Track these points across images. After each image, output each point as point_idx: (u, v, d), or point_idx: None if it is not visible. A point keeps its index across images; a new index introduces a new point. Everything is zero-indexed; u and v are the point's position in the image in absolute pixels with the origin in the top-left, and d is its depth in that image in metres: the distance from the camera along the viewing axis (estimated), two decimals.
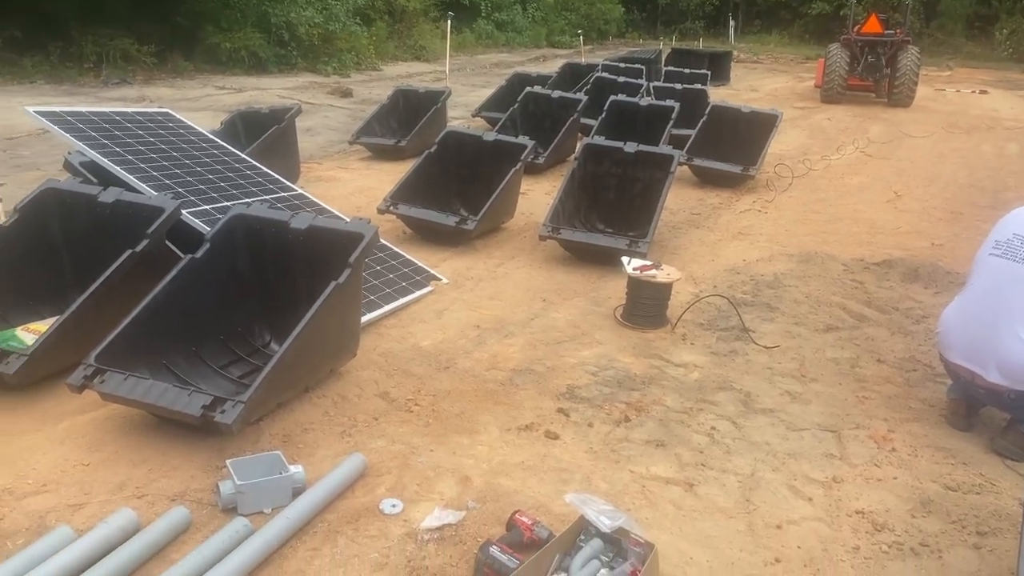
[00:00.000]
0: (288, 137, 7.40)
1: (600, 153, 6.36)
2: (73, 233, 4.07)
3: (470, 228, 5.79)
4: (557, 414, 3.59)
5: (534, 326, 4.63)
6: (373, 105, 12.27)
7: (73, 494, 2.82)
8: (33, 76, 13.46)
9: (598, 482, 3.07)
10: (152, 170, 4.72)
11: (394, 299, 4.72)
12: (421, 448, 3.24)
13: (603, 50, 27.55)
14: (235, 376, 3.66)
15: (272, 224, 3.84)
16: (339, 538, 2.66)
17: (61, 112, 4.84)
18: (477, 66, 21.18)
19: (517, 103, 9.57)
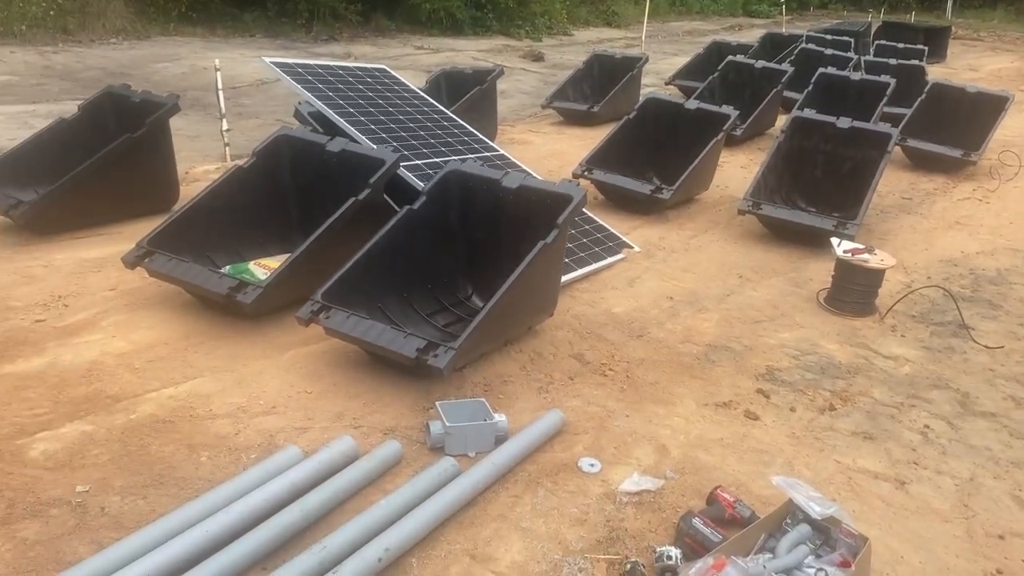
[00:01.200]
0: (489, 98, 7.56)
1: (809, 127, 6.06)
2: (301, 178, 4.36)
3: (665, 197, 5.71)
4: (756, 395, 3.50)
5: (729, 302, 4.52)
6: (564, 70, 12.30)
7: (298, 418, 3.06)
8: (252, 30, 14.43)
9: (800, 468, 2.97)
10: (370, 123, 4.96)
11: (587, 263, 4.74)
12: (617, 412, 3.26)
13: (803, 21, 26.14)
14: (440, 324, 3.81)
15: (485, 181, 3.94)
16: (539, 489, 2.73)
17: (293, 64, 5.16)
18: (669, 33, 20.69)
19: (717, 72, 9.29)
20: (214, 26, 13.99)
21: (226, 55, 11.34)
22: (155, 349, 3.50)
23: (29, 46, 10.99)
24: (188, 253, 3.80)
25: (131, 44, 12.12)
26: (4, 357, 3.36)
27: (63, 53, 10.96)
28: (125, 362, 3.37)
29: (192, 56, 11.43)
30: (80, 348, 3.47)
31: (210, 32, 13.73)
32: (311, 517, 2.46)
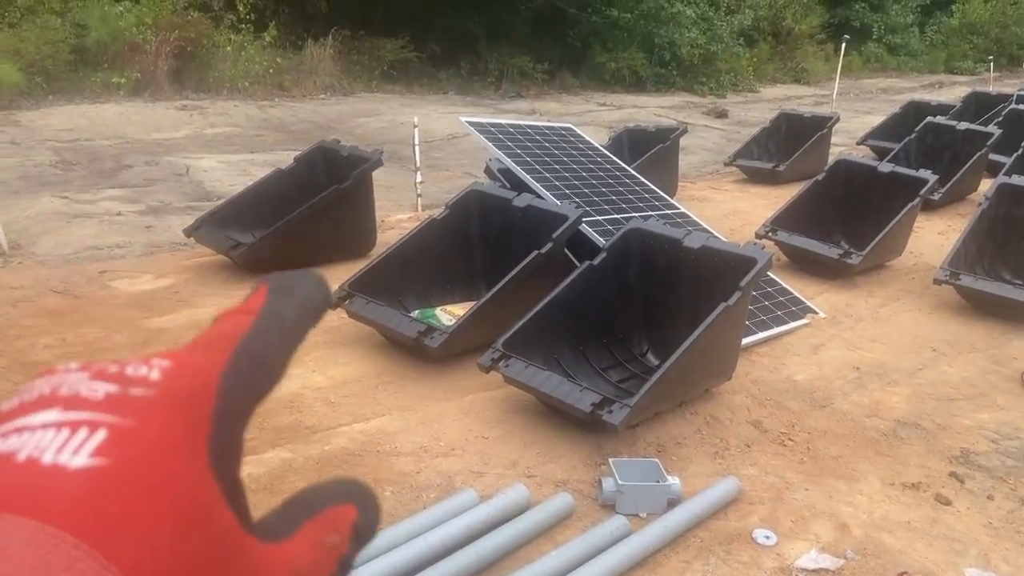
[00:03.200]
0: (671, 156, 7.60)
1: (1018, 195, 5.65)
2: (488, 230, 4.58)
3: (854, 262, 5.48)
4: (949, 478, 3.28)
5: (922, 377, 4.27)
6: (748, 127, 12.14)
7: (475, 462, 3.18)
8: (446, 87, 15.29)
9: (998, 562, 2.75)
10: (555, 179, 5.14)
11: (768, 327, 4.63)
12: (795, 485, 3.15)
13: (1014, 78, 24.38)
14: (614, 379, 3.86)
15: (666, 240, 3.98)
16: (711, 557, 2.69)
17: (485, 123, 5.46)
18: (862, 91, 19.94)
19: (914, 133, 8.85)
20: (411, 84, 14.94)
21: (421, 111, 12.06)
22: (349, 385, 3.76)
23: (250, 100, 12.20)
24: (383, 297, 4.08)
25: (338, 100, 13.17)
26: None
27: (278, 107, 12.08)
28: (322, 396, 3.65)
29: (391, 112, 12.25)
30: (284, 381, 3.77)
31: (408, 89, 14.67)
32: (484, 561, 2.56)
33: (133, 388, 0.28)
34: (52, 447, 0.25)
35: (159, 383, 0.28)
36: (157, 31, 11.71)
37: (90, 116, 10.12)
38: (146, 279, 5.10)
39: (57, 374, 0.29)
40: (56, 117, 9.92)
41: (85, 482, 0.24)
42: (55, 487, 0.24)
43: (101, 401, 0.27)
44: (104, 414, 0.26)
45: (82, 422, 0.26)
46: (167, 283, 5.04)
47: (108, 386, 0.28)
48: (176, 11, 12.43)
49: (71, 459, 0.25)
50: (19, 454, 0.25)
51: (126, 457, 0.25)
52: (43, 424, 0.26)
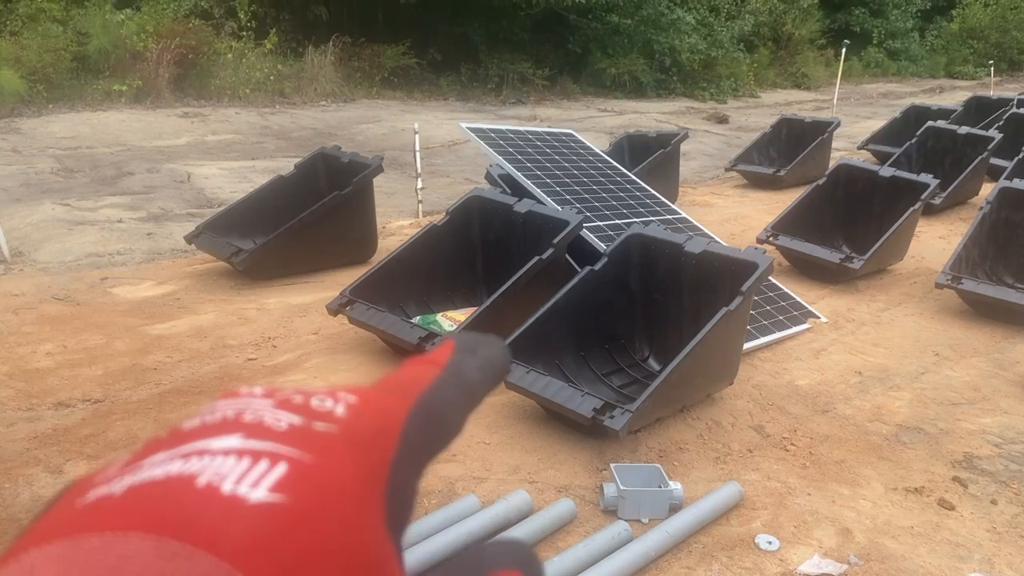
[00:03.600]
0: (672, 161, 7.60)
1: (1020, 198, 5.65)
2: (489, 236, 4.58)
3: (855, 267, 5.48)
4: (952, 483, 3.26)
5: (924, 381, 4.25)
6: (749, 132, 12.16)
7: (477, 468, 3.17)
8: (447, 94, 15.31)
9: (1002, 567, 2.74)
10: (556, 185, 5.13)
11: (770, 332, 4.62)
12: (798, 490, 3.14)
13: (1014, 83, 24.39)
14: (615, 385, 3.85)
15: (667, 245, 3.98)
16: (713, 563, 2.68)
17: (486, 129, 5.46)
18: (863, 96, 19.96)
19: (915, 137, 8.85)
20: (412, 90, 14.96)
21: (422, 117, 12.09)
22: None
23: (251, 108, 12.22)
24: (384, 303, 4.08)
25: (338, 106, 13.19)
26: (220, 390, 3.72)
27: (279, 114, 12.10)
28: None
29: (391, 118, 12.27)
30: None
31: (408, 95, 14.69)
32: None
33: (317, 422, 0.27)
34: (232, 476, 0.24)
35: (344, 420, 0.28)
36: (158, 39, 11.74)
37: (91, 124, 10.14)
38: (147, 286, 5.10)
39: (241, 398, 0.29)
40: (57, 125, 9.94)
41: (264, 521, 0.23)
42: (233, 521, 0.23)
43: (284, 432, 0.26)
44: (286, 447, 0.26)
45: (264, 453, 0.25)
46: (168, 290, 5.04)
47: (292, 417, 0.27)
48: (177, 19, 12.47)
49: (250, 491, 0.24)
50: (199, 478, 0.24)
51: (306, 497, 0.25)
52: (225, 450, 0.26)
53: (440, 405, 0.31)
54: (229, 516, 0.23)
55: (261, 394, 0.29)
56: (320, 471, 0.25)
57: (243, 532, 0.23)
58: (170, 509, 0.24)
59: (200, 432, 0.27)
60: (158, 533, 0.23)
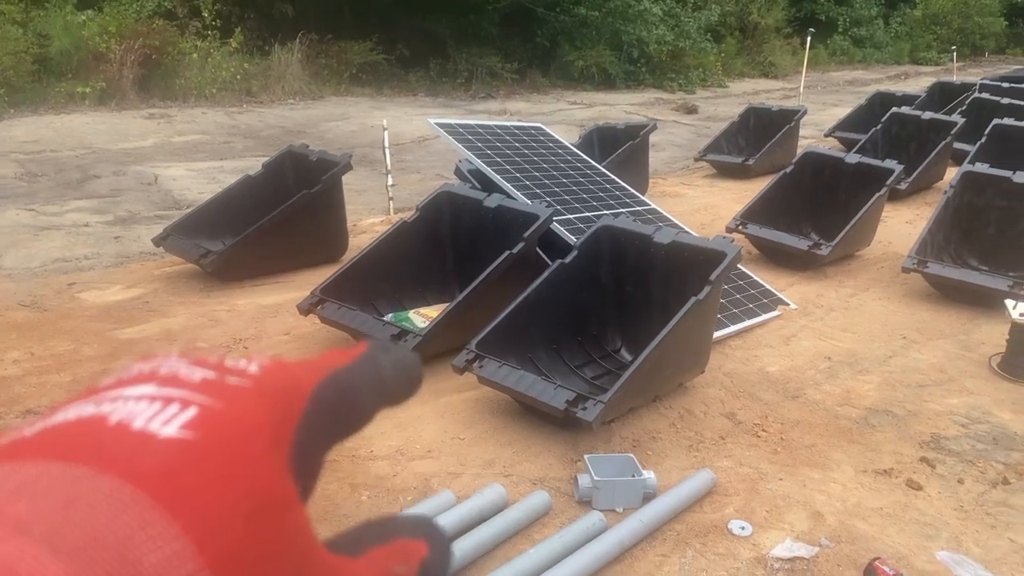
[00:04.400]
0: (641, 152, 7.64)
1: (982, 182, 5.74)
2: (460, 232, 4.58)
3: (823, 253, 5.54)
4: (920, 463, 3.32)
5: (892, 365, 4.32)
6: (718, 122, 12.23)
7: (452, 463, 3.18)
8: (416, 89, 15.25)
9: (969, 545, 2.80)
10: (525, 179, 5.14)
11: (740, 320, 4.67)
12: (769, 475, 3.18)
13: (977, 68, 24.74)
14: (588, 376, 3.87)
15: (636, 237, 4.00)
16: (687, 549, 2.71)
17: (455, 124, 5.45)
18: (829, 83, 20.14)
19: (880, 124, 8.95)
20: (381, 86, 14.89)
21: (391, 113, 12.04)
22: None
23: (218, 107, 12.10)
24: (355, 302, 4.06)
25: (307, 104, 13.09)
26: None
27: (247, 113, 11.99)
28: None
29: (360, 115, 12.20)
30: None
31: (377, 92, 14.61)
32: (463, 561, 2.56)
33: (230, 376, 0.29)
34: (143, 416, 0.26)
35: (256, 376, 0.29)
36: (121, 40, 11.58)
37: (55, 127, 9.98)
38: (115, 290, 5.05)
39: (157, 358, 0.30)
40: (20, 128, 9.78)
41: (170, 451, 0.25)
42: (140, 451, 0.25)
43: (197, 383, 0.28)
44: (198, 394, 0.27)
45: (175, 398, 0.27)
46: (137, 293, 4.99)
47: (206, 371, 0.29)
48: (140, 19, 12.29)
49: (160, 428, 0.25)
50: (111, 417, 0.26)
51: (213, 435, 0.26)
52: (138, 396, 0.27)
53: (351, 383, 0.33)
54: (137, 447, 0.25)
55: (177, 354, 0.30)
56: (228, 415, 0.27)
57: (150, 460, 0.24)
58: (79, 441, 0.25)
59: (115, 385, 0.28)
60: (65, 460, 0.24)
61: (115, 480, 0.24)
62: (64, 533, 0.22)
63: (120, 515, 0.23)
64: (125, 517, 0.23)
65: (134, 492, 0.23)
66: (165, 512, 0.23)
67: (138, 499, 0.23)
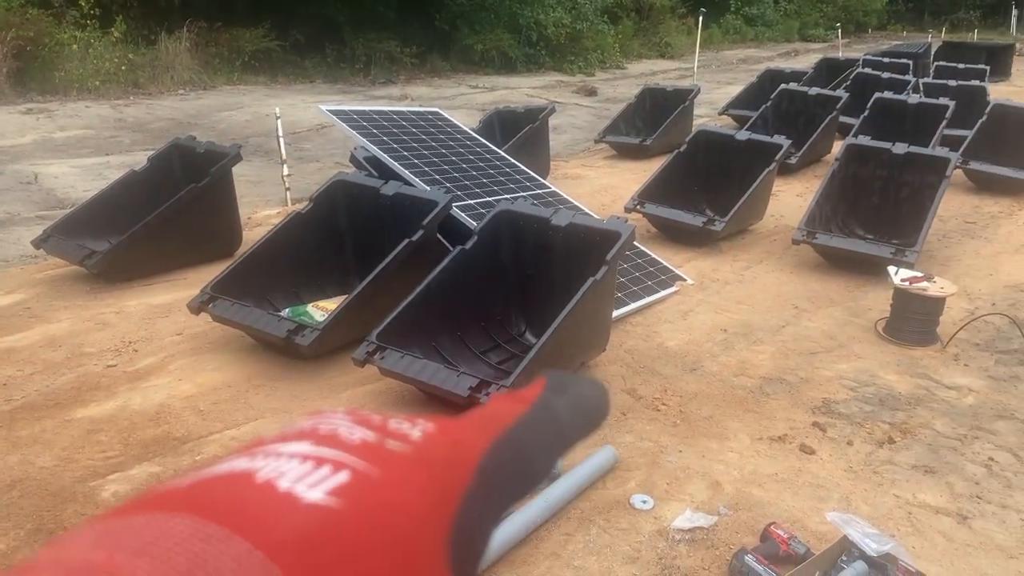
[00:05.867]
0: (541, 136, 7.66)
1: (864, 154, 5.99)
2: (357, 221, 4.50)
3: (717, 229, 5.69)
4: (812, 428, 3.46)
5: (785, 334, 4.48)
6: (617, 104, 12.38)
7: None
8: (312, 76, 14.90)
9: (859, 504, 2.93)
10: (424, 165, 5.09)
11: (640, 297, 4.75)
12: (669, 448, 3.26)
13: (861, 44, 25.82)
14: (494, 361, 3.87)
15: (535, 220, 4.01)
16: (591, 527, 2.74)
17: (348, 111, 5.35)
18: (723, 62, 20.66)
19: (770, 101, 9.25)
20: (275, 74, 14.49)
21: (287, 101, 11.73)
22: (218, 392, 3.63)
23: (103, 100, 11.54)
24: (250, 297, 3.95)
25: (198, 95, 12.62)
26: (78, 401, 3.53)
27: (134, 106, 11.48)
28: (191, 404, 3.51)
29: (255, 104, 11.85)
30: (149, 392, 3.62)
31: (272, 80, 14.22)
32: None
33: (391, 441, 0.27)
34: (291, 476, 0.24)
35: (418, 443, 0.27)
36: None
37: None
38: None
39: (323, 415, 0.28)
40: None
41: (311, 519, 0.23)
42: (279, 515, 0.23)
43: (355, 445, 0.26)
44: (353, 457, 0.25)
45: (329, 459, 0.25)
46: (17, 299, 4.73)
47: (367, 432, 0.27)
48: (12, 8, 11.59)
49: (306, 492, 0.24)
50: (259, 474, 0.24)
51: (361, 505, 0.24)
52: (291, 453, 0.26)
53: (525, 442, 0.29)
54: (277, 510, 0.23)
55: (343, 412, 0.29)
56: (382, 485, 0.25)
57: (287, 526, 0.22)
58: (222, 497, 0.24)
59: (276, 439, 0.27)
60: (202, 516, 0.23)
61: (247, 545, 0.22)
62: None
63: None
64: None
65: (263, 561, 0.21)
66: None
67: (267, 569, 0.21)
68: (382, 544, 0.23)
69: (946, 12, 35.89)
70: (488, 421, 0.30)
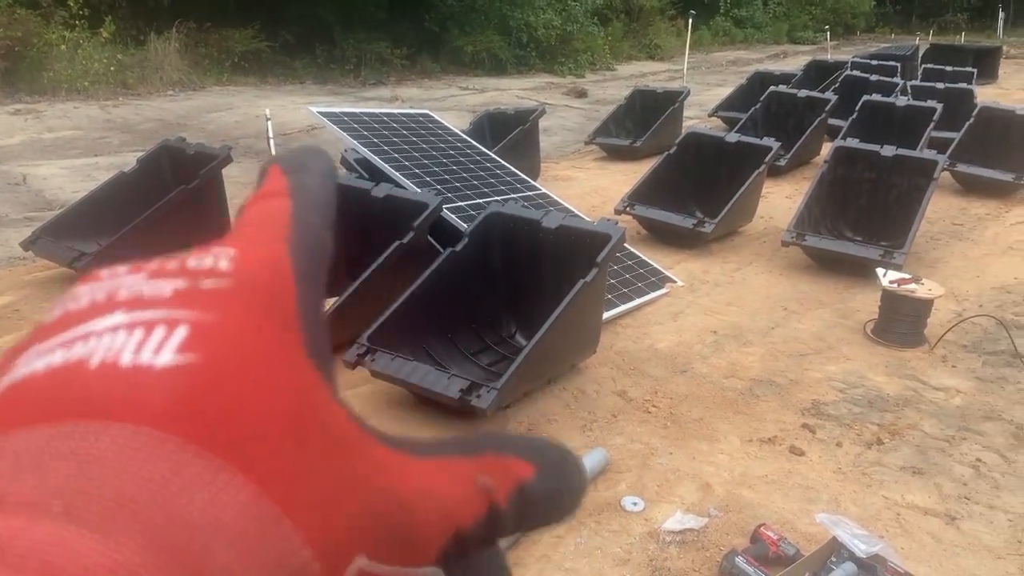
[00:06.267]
0: (531, 137, 7.67)
1: (853, 156, 6.03)
2: (347, 224, 4.46)
3: (707, 231, 5.71)
4: (802, 430, 3.48)
5: (774, 336, 4.50)
6: (607, 105, 12.40)
7: None
8: (302, 77, 14.87)
9: (848, 505, 2.95)
10: (415, 167, 5.09)
11: (630, 299, 4.77)
12: (660, 450, 3.27)
13: (849, 46, 25.94)
14: (484, 363, 3.88)
15: (525, 222, 4.02)
16: (583, 529, 2.75)
17: (339, 112, 5.34)
18: (713, 64, 20.72)
19: (759, 103, 9.28)
20: (265, 75, 14.45)
21: (277, 102, 11.70)
22: None
23: (92, 101, 11.49)
24: None
25: (187, 95, 12.58)
26: None
27: (123, 107, 11.43)
28: None
29: (245, 105, 11.82)
30: None
31: (262, 81, 14.18)
32: None
33: (204, 281, 0.24)
34: (128, 348, 0.21)
35: (232, 272, 0.24)
36: None
37: None
38: None
39: (104, 279, 0.24)
40: None
41: (177, 381, 0.20)
42: (142, 388, 0.20)
43: (171, 298, 0.23)
44: (179, 310, 0.22)
45: (156, 320, 0.22)
46: (6, 301, 4.70)
47: (174, 282, 0.24)
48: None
49: (156, 358, 0.21)
50: (90, 360, 0.21)
51: (220, 351, 0.21)
52: (110, 327, 0.22)
53: (309, 229, 0.28)
54: (137, 385, 0.20)
55: (127, 270, 0.25)
56: (227, 325, 0.22)
57: (158, 396, 0.20)
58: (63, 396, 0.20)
59: (69, 320, 0.23)
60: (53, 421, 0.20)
61: (126, 427, 0.20)
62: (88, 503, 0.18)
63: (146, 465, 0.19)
64: (152, 467, 0.19)
65: (153, 434, 0.19)
66: (196, 447, 0.20)
67: (161, 441, 0.19)
68: (260, 382, 0.22)
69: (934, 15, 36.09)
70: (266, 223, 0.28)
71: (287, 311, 0.24)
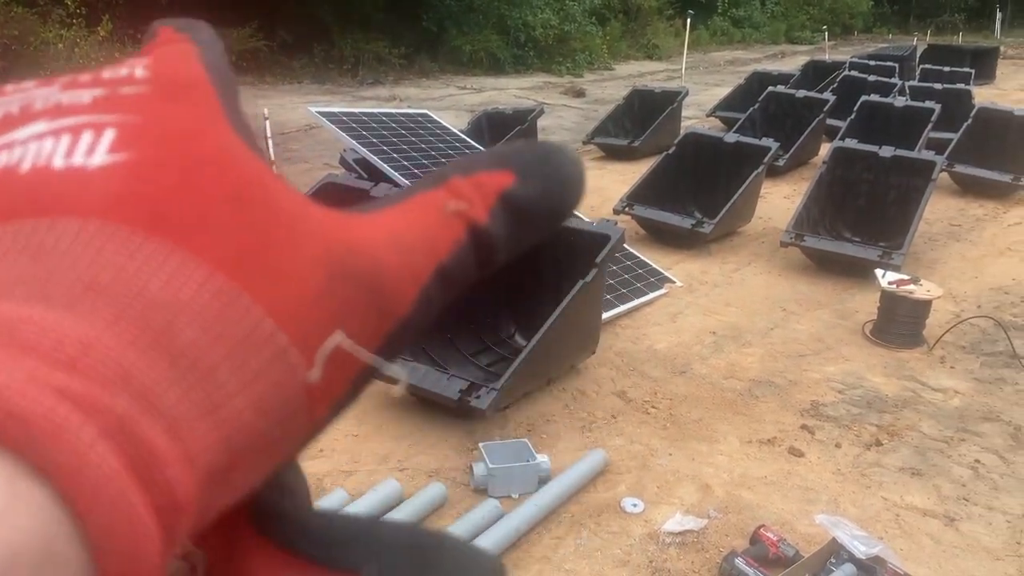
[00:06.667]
0: (530, 137, 7.67)
1: (851, 157, 6.03)
2: None
3: (706, 231, 5.71)
4: (801, 431, 3.48)
5: (773, 336, 4.50)
6: (605, 105, 12.40)
7: (344, 461, 3.13)
8: (300, 76, 14.86)
9: (847, 506, 2.95)
10: (413, 167, 5.08)
11: (628, 299, 4.76)
12: (659, 451, 3.27)
13: (847, 46, 25.97)
14: (483, 364, 3.87)
15: None
16: (582, 530, 2.75)
17: (337, 112, 5.34)
18: (711, 64, 20.74)
19: (757, 103, 9.28)
20: (263, 74, 14.44)
21: (275, 102, 11.68)
22: None
23: None
24: None
25: None
26: None
27: None
28: None
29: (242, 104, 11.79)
30: None
31: (260, 80, 14.17)
32: None
33: (122, 88, 0.23)
34: (58, 153, 0.21)
35: (150, 78, 0.24)
36: None
37: None
38: None
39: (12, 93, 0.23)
40: None
41: (116, 175, 0.20)
42: (82, 184, 0.20)
43: (92, 104, 0.22)
44: (103, 115, 0.22)
45: (82, 125, 0.21)
46: None
47: (92, 91, 0.23)
48: None
49: (88, 159, 0.20)
50: (20, 166, 0.20)
51: (151, 146, 0.21)
52: (34, 135, 0.21)
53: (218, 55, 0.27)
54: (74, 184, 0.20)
55: (36, 84, 0.24)
56: (154, 123, 0.22)
57: (100, 191, 0.20)
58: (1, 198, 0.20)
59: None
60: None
61: (74, 220, 0.19)
62: (49, 288, 0.18)
63: (101, 253, 0.19)
64: (107, 253, 0.19)
65: (102, 225, 0.19)
66: (146, 232, 0.19)
67: (111, 231, 0.19)
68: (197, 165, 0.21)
69: (931, 15, 36.18)
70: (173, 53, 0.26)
71: (210, 103, 0.23)
